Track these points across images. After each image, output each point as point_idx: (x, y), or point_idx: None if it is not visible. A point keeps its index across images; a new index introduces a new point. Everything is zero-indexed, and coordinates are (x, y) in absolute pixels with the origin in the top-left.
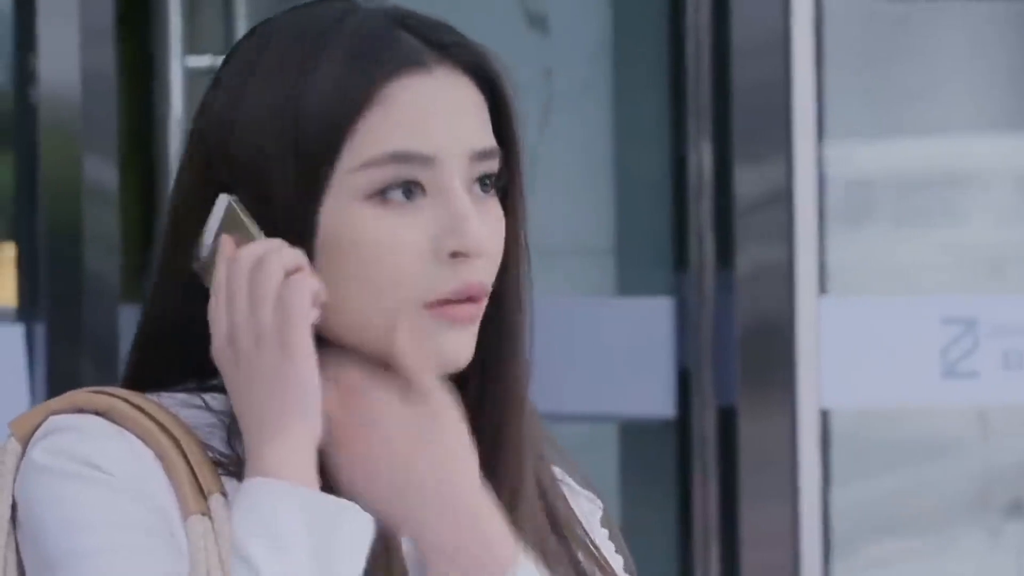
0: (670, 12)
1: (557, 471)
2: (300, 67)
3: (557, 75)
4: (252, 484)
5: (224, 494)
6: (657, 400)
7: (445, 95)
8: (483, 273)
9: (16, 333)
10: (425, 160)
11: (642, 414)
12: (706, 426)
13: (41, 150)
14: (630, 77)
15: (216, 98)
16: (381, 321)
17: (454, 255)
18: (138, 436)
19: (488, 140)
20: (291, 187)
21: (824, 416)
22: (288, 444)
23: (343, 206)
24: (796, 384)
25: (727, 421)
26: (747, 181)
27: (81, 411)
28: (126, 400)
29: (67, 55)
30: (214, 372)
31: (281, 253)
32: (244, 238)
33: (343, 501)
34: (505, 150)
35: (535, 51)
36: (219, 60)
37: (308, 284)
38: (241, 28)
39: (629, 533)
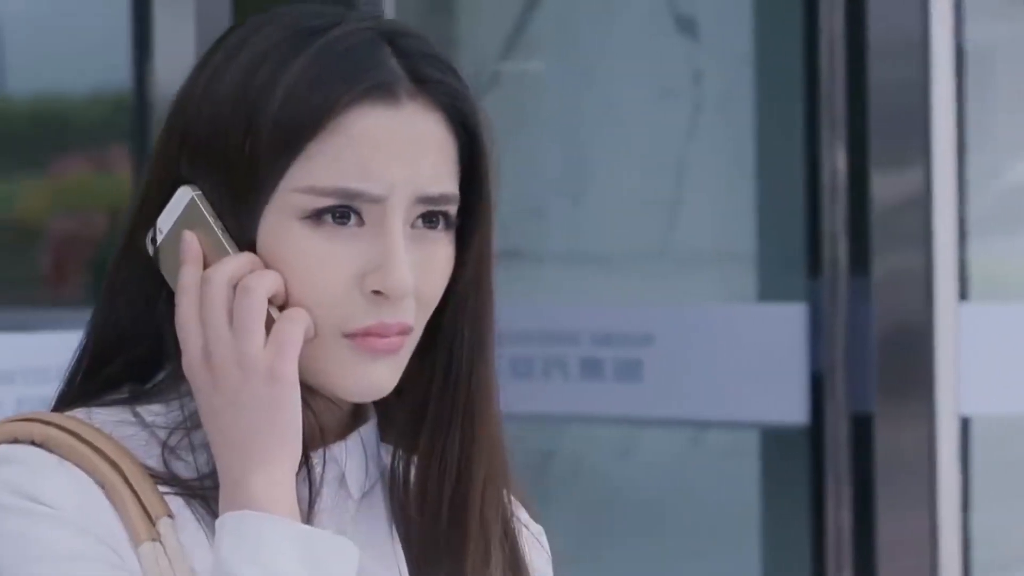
0: (805, 15)
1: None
2: (272, 71)
3: (706, 79)
4: (242, 517)
5: (171, 515)
6: (791, 407)
7: (408, 131)
8: (406, 313)
9: None
10: (373, 199)
11: (776, 421)
12: (840, 433)
13: None
14: (771, 81)
15: (192, 83)
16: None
17: (376, 293)
18: (78, 465)
19: (442, 186)
20: (237, 193)
21: (964, 423)
22: (274, 474)
23: (280, 221)
24: (935, 391)
25: (862, 428)
26: (884, 185)
27: (17, 441)
28: (60, 427)
29: (184, 55)
30: (156, 366)
31: (263, 279)
32: (207, 236)
33: (335, 536)
34: (475, 190)
35: (684, 55)
36: None
37: (302, 320)
38: None
39: (769, 540)
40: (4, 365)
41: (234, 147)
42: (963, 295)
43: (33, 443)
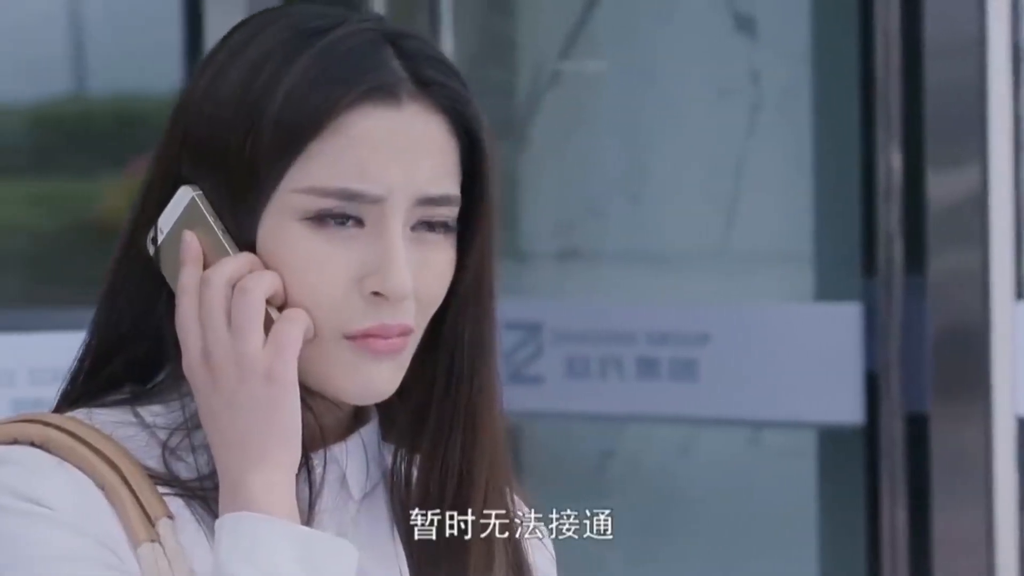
0: (861, 13)
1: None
2: (274, 71)
3: (764, 78)
4: (240, 519)
5: (171, 516)
6: (847, 407)
7: (408, 133)
8: (405, 315)
9: None
10: (372, 199)
11: (831, 421)
12: (895, 433)
13: None
14: (828, 80)
15: (195, 84)
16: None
17: (375, 294)
18: (77, 466)
19: (443, 187)
20: (237, 193)
21: (1020, 423)
22: (272, 475)
23: (279, 222)
24: (991, 390)
25: (918, 428)
26: (940, 184)
27: (16, 442)
28: (59, 428)
29: None
30: (158, 366)
31: (261, 279)
32: (207, 236)
33: (333, 537)
34: (474, 194)
35: (743, 54)
36: None
37: (301, 321)
38: (446, 29)
39: (825, 540)
40: None
41: (235, 147)
42: (1019, 294)
43: (32, 444)
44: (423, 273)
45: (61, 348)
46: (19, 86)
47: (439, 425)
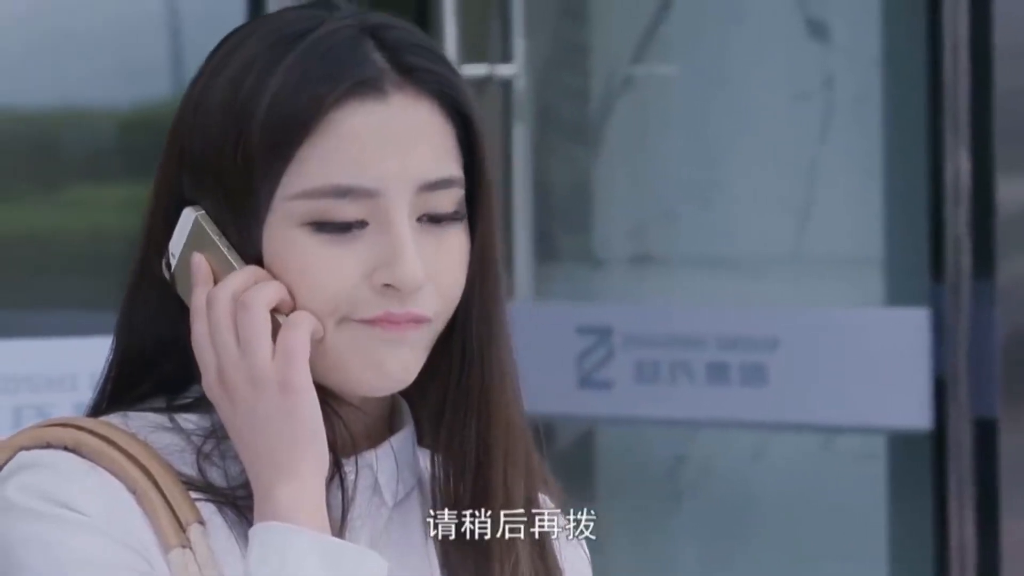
0: (929, 17)
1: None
2: (258, 78)
3: (837, 83)
4: (269, 529)
5: (202, 522)
6: (915, 412)
7: (398, 123)
8: (416, 304)
9: None
10: (367, 193)
11: (900, 425)
12: (963, 438)
13: None
14: (898, 85)
15: (186, 101)
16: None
17: (387, 287)
18: (109, 470)
19: (442, 170)
20: (237, 207)
21: None
22: (300, 484)
23: (282, 230)
24: None
25: (986, 433)
26: (1009, 189)
27: (49, 446)
28: (93, 432)
29: None
30: (187, 382)
31: (261, 291)
32: (214, 254)
33: (361, 548)
34: (474, 175)
35: (815, 58)
36: (497, 69)
37: (307, 324)
38: (518, 35)
39: (895, 545)
40: None
41: (228, 160)
42: None
43: (65, 448)
44: (438, 261)
45: None
46: (116, 90)
47: (455, 412)
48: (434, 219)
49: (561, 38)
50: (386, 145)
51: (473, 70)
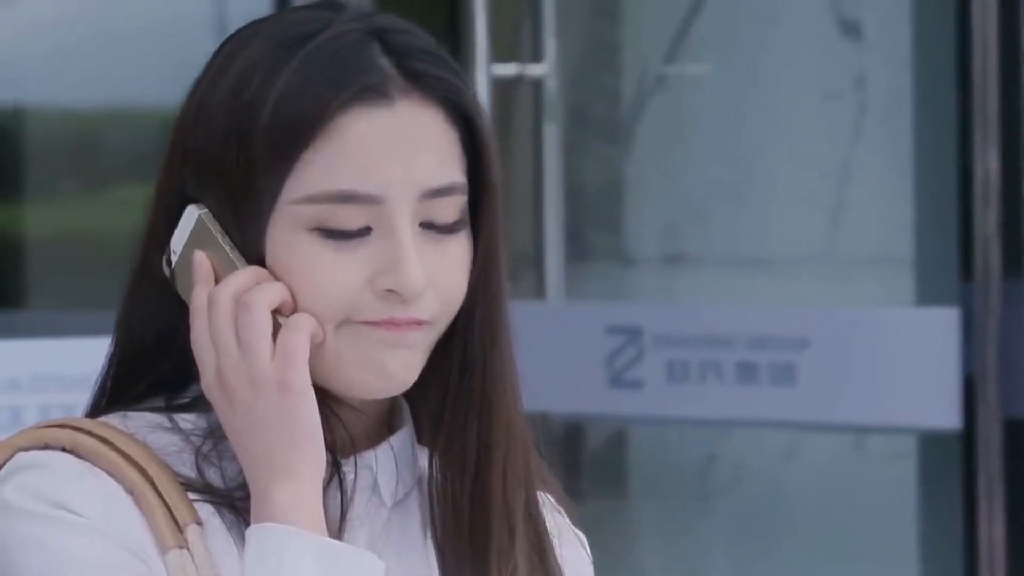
0: (958, 17)
1: (558, 518)
2: (262, 82)
3: (870, 82)
4: (265, 530)
5: (199, 523)
6: (944, 411)
7: (402, 130)
8: (418, 310)
9: None
10: (370, 199)
11: (929, 425)
12: (992, 438)
13: None
14: (928, 85)
15: (189, 100)
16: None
17: (389, 292)
18: (106, 471)
19: (446, 177)
20: (240, 208)
21: None
22: (298, 485)
23: (285, 233)
24: None
25: (1015, 432)
26: None
27: (47, 447)
28: (90, 433)
29: None
30: (187, 382)
31: (263, 292)
32: (216, 253)
33: (358, 549)
34: (480, 182)
35: (848, 57)
36: (527, 69)
37: (307, 326)
38: (549, 34)
39: (926, 545)
40: None
41: (231, 162)
42: None
43: (63, 449)
44: (440, 266)
45: None
46: (163, 90)
47: (454, 416)
48: (436, 225)
49: (593, 37)
50: (391, 151)
51: (504, 70)
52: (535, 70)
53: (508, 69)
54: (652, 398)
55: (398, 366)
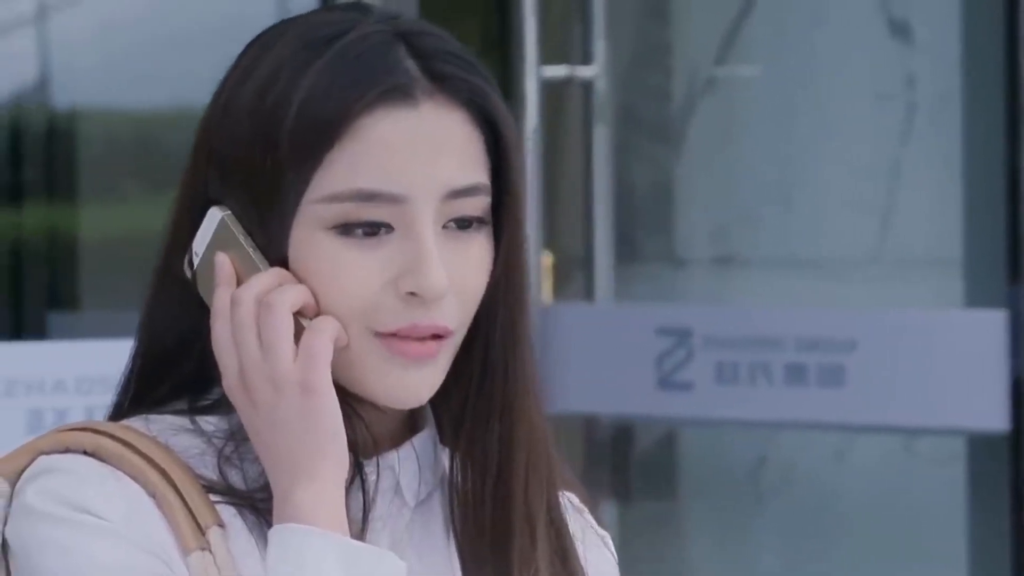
0: (1007, 17)
1: (579, 519)
2: (287, 82)
3: (919, 83)
4: (288, 531)
5: (221, 525)
6: (993, 413)
7: (426, 131)
8: (441, 315)
9: None
10: (393, 199)
11: (978, 427)
12: None
13: None
14: (977, 86)
15: (215, 102)
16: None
17: (411, 295)
18: (128, 474)
19: (470, 178)
20: (264, 209)
21: None
22: (320, 486)
23: (308, 234)
24: None
25: None
26: None
27: (69, 450)
28: (112, 436)
29: None
30: (209, 384)
31: (285, 293)
32: (239, 255)
33: (380, 550)
34: (503, 186)
35: (898, 58)
36: (577, 71)
37: (330, 328)
38: (599, 36)
39: (975, 547)
40: None
41: (256, 163)
42: None
43: (84, 453)
44: (461, 268)
45: None
46: None
47: (476, 419)
48: (459, 226)
49: (643, 39)
50: (414, 153)
51: (554, 71)
52: (585, 72)
53: (558, 71)
54: (701, 400)
55: (419, 384)
